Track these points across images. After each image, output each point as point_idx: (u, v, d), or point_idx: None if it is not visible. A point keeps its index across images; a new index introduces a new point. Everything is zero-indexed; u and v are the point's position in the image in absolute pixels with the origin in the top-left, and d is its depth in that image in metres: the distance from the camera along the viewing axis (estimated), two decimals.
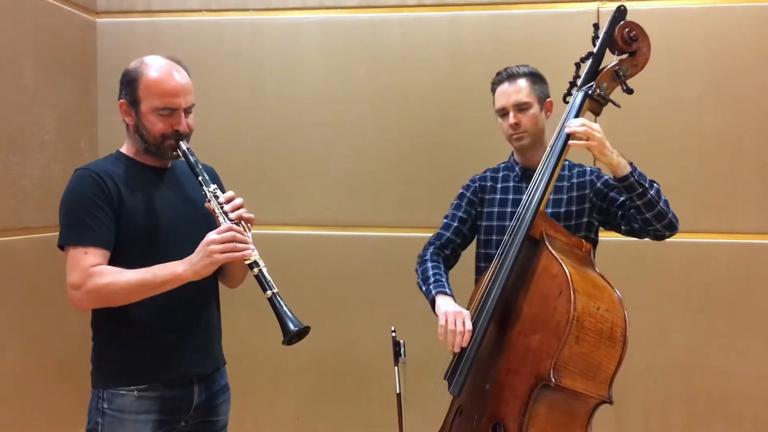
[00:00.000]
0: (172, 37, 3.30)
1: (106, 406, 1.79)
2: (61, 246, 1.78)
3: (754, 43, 2.95)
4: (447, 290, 2.05)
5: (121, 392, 1.78)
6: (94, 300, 1.74)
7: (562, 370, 1.79)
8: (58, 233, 1.78)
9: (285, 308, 1.69)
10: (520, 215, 1.98)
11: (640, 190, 1.94)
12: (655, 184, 1.99)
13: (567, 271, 1.83)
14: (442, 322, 1.92)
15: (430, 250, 2.22)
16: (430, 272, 2.12)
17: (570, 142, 1.93)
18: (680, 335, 3.03)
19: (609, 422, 3.08)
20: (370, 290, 3.21)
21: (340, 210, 3.26)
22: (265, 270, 1.72)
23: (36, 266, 2.94)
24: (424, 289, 2.11)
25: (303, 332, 1.69)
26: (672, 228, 2.03)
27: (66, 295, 1.76)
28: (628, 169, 1.94)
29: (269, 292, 1.70)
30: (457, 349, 1.90)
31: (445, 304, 1.98)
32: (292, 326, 1.67)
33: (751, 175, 2.98)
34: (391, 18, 3.20)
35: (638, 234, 2.06)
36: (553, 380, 1.77)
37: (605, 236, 2.26)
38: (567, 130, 1.94)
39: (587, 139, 1.90)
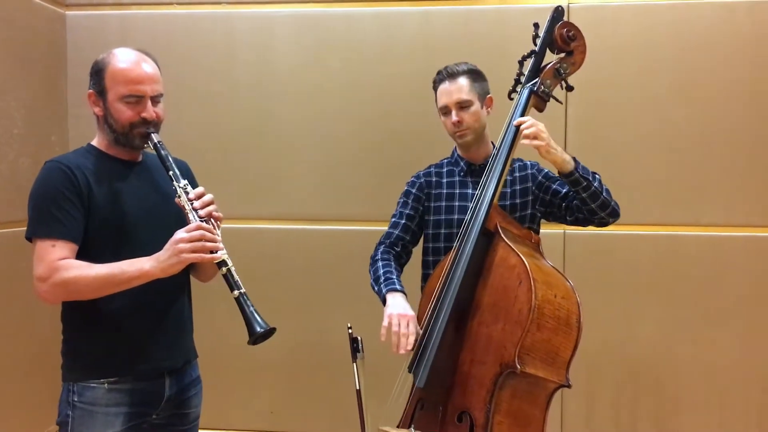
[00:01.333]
0: (143, 30, 3.27)
1: (76, 399, 1.78)
2: (29, 238, 1.77)
3: (721, 39, 3.01)
4: (397, 287, 2.08)
5: (92, 385, 1.78)
6: (60, 293, 1.73)
7: (525, 357, 1.84)
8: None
9: (251, 309, 1.70)
10: (474, 208, 2.03)
11: (585, 183, 2.01)
12: (596, 176, 2.07)
13: (525, 261, 1.88)
14: (385, 323, 1.97)
15: (380, 249, 2.26)
16: (381, 271, 2.16)
17: (523, 141, 1.98)
18: (649, 327, 3.09)
19: (579, 415, 3.13)
20: (342, 284, 3.22)
21: (312, 203, 3.27)
22: (233, 269, 1.73)
23: (5, 261, 2.91)
24: (376, 289, 2.15)
25: (269, 333, 1.70)
26: (615, 215, 2.11)
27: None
28: (572, 164, 2.00)
29: (236, 292, 1.71)
30: (402, 352, 1.93)
31: (393, 305, 2.01)
32: (258, 328, 1.68)
33: (718, 170, 3.04)
34: (365, 12, 3.21)
35: (583, 223, 2.15)
36: (518, 367, 1.82)
37: (573, 230, 2.30)
38: (516, 125, 2.00)
39: (535, 138, 1.96)
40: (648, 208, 3.08)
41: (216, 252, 1.71)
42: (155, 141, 1.81)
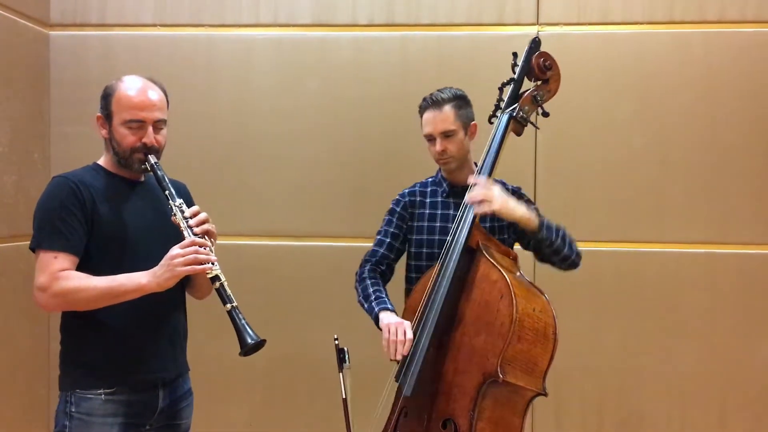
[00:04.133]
0: (126, 51, 3.34)
1: (73, 410, 1.84)
2: (33, 249, 1.84)
3: (677, 65, 3.16)
4: (389, 306, 2.17)
5: (89, 396, 1.84)
6: (59, 303, 1.81)
7: (506, 366, 1.95)
8: (11, 245, 1.84)
9: (243, 321, 1.79)
10: (456, 228, 2.12)
11: (548, 242, 2.15)
12: (560, 231, 2.18)
13: (506, 277, 1.99)
14: (385, 334, 2.06)
15: (367, 268, 2.33)
16: (371, 290, 2.24)
17: (476, 211, 2.07)
18: (612, 339, 3.21)
19: (549, 422, 3.24)
20: (321, 298, 3.30)
21: (290, 220, 3.34)
22: (225, 284, 1.81)
23: None
24: (366, 306, 2.23)
25: (259, 345, 1.79)
26: (574, 266, 2.25)
27: (19, 305, 1.81)
28: (536, 223, 2.11)
29: (229, 306, 1.79)
30: (398, 357, 2.03)
31: (387, 317, 2.11)
32: (249, 339, 1.77)
33: (677, 189, 3.18)
34: (342, 36, 3.32)
35: (547, 263, 2.27)
36: (500, 376, 1.93)
37: None
38: (466, 200, 2.09)
39: (482, 203, 2.04)
40: (611, 226, 3.21)
41: (210, 266, 1.79)
42: (152, 162, 1.89)
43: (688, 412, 3.20)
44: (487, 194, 2.05)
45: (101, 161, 1.98)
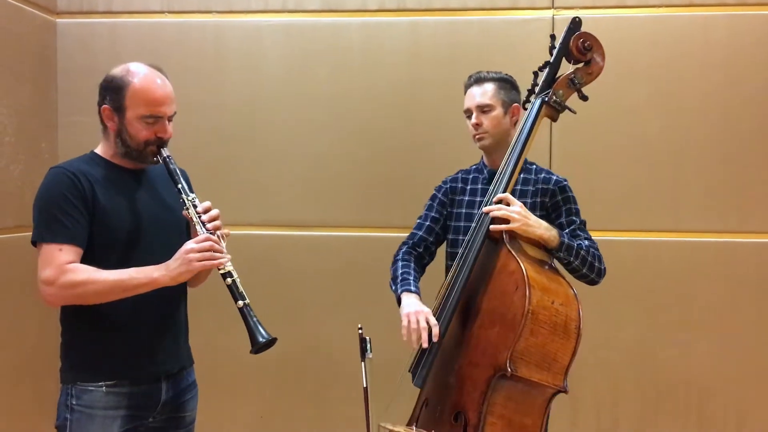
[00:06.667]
0: (133, 39, 3.30)
1: (75, 402, 1.82)
2: (35, 242, 1.81)
3: (696, 51, 3.09)
4: (411, 288, 2.12)
5: (90, 388, 1.82)
6: (67, 297, 1.77)
7: (518, 360, 1.89)
8: (18, 236, 1.81)
9: (255, 319, 1.77)
10: (480, 216, 2.07)
11: (565, 261, 2.09)
12: (580, 252, 2.09)
13: (523, 268, 1.93)
14: (404, 323, 2.01)
15: (403, 249, 2.30)
16: (399, 272, 2.20)
17: (491, 227, 2.02)
18: (628, 331, 3.15)
19: (563, 416, 3.19)
20: (332, 289, 3.26)
21: (301, 210, 3.30)
22: (238, 281, 1.79)
23: None
24: (393, 288, 2.19)
25: (270, 343, 1.77)
26: (593, 283, 2.19)
27: (27, 296, 1.79)
28: (556, 243, 2.04)
29: (240, 303, 1.77)
30: (425, 345, 1.97)
31: (408, 304, 2.05)
32: (260, 338, 1.75)
33: (694, 177, 3.12)
34: (352, 22, 3.26)
35: None
36: (509, 370, 1.87)
37: None
38: (484, 209, 2.04)
39: (506, 221, 2.00)
40: (628, 215, 3.15)
41: (223, 261, 1.77)
42: (164, 156, 1.87)
43: (706, 406, 3.14)
44: (509, 210, 2.00)
45: (99, 150, 1.94)
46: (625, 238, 3.15)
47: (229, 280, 1.78)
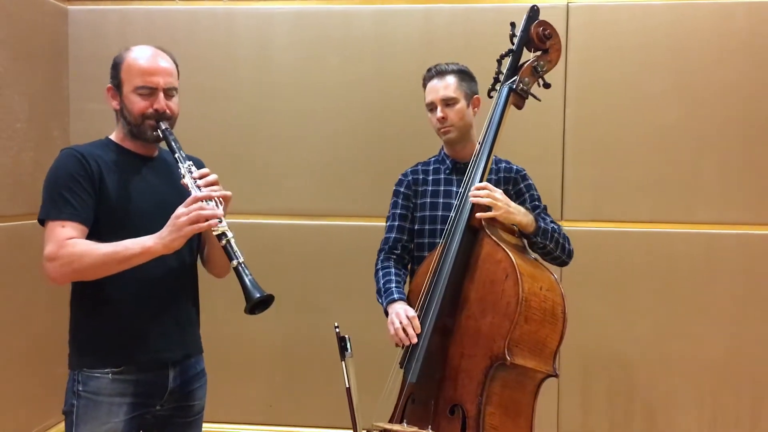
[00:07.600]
0: (144, 26, 3.29)
1: (81, 389, 1.82)
2: (41, 220, 1.81)
3: (715, 39, 3.04)
4: (395, 296, 2.14)
5: (96, 374, 1.82)
6: (66, 272, 1.76)
7: (514, 348, 1.90)
8: (30, 222, 1.80)
9: (250, 277, 1.72)
10: (458, 206, 2.08)
11: (540, 245, 2.12)
12: (554, 235, 2.14)
13: (511, 256, 1.94)
14: (391, 331, 2.05)
15: (381, 258, 2.32)
16: (381, 283, 2.23)
17: (477, 215, 2.03)
18: (641, 323, 3.13)
19: (575, 409, 3.17)
20: (343, 279, 3.25)
21: (312, 199, 3.29)
22: (233, 241, 1.75)
23: (7, 255, 2.93)
24: (379, 301, 2.21)
25: (266, 300, 1.71)
26: (563, 265, 2.25)
27: (38, 282, 1.78)
28: (533, 228, 2.08)
29: (235, 261, 1.73)
30: (414, 341, 1.99)
31: (392, 311, 2.09)
32: (256, 293, 1.69)
33: (710, 168, 3.08)
34: (364, 10, 3.23)
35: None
36: (508, 359, 1.87)
37: (566, 226, 2.34)
38: (471, 200, 2.03)
39: (489, 208, 2.01)
40: (643, 206, 3.12)
41: (215, 222, 1.72)
42: (163, 128, 1.85)
43: (720, 399, 3.11)
44: (494, 197, 2.02)
45: (113, 136, 1.95)
46: (638, 229, 3.11)
47: (223, 240, 1.74)
